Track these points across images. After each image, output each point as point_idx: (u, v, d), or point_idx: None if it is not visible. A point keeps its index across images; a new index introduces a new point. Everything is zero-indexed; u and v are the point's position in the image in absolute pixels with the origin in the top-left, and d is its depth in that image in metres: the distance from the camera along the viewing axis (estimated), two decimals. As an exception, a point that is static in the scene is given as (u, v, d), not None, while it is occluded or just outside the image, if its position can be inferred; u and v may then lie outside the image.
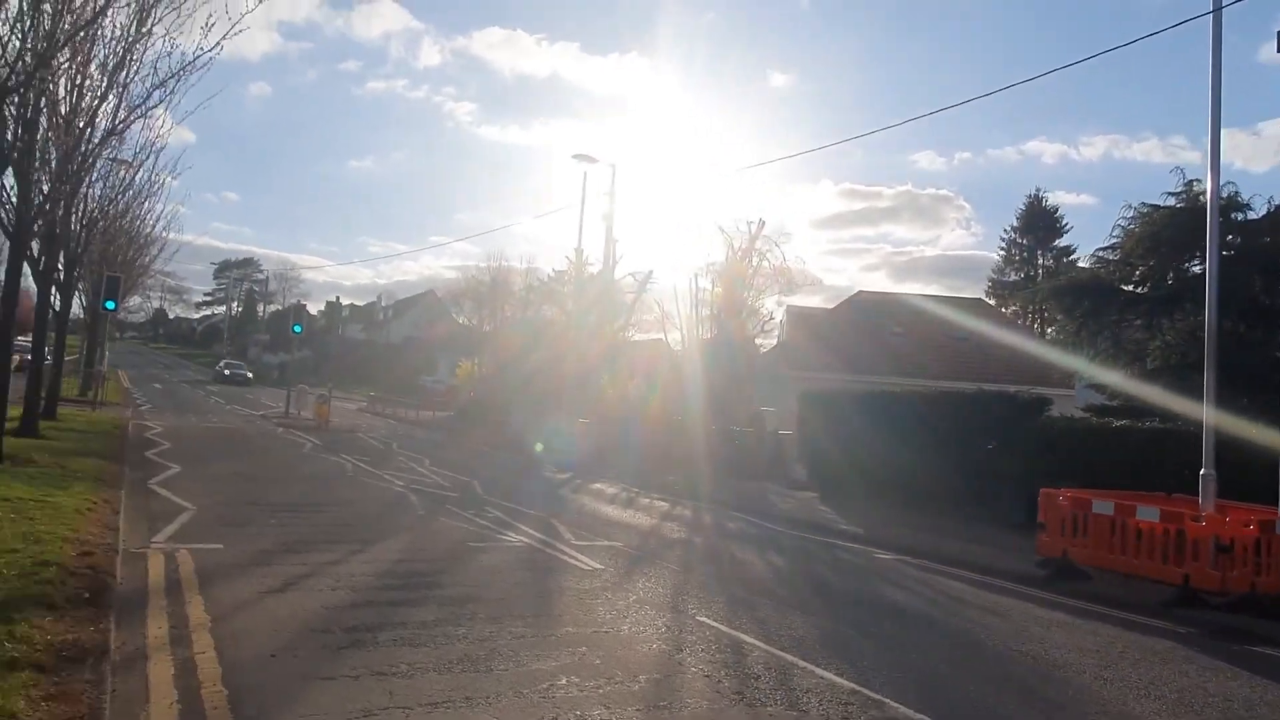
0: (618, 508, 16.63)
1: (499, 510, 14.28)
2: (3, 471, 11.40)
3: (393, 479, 17.48)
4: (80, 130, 13.71)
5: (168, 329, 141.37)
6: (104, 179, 19.91)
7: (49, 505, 9.51)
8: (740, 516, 16.94)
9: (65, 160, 13.61)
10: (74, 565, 7.27)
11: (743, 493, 21.12)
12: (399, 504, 14.25)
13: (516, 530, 12.39)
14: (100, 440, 18.06)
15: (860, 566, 12.33)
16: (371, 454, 22.55)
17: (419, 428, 37.44)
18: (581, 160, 28.00)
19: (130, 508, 11.36)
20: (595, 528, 13.39)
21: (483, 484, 17.99)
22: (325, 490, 15.30)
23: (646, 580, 9.66)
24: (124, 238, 31.65)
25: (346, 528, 11.60)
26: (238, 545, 9.71)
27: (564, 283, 42.67)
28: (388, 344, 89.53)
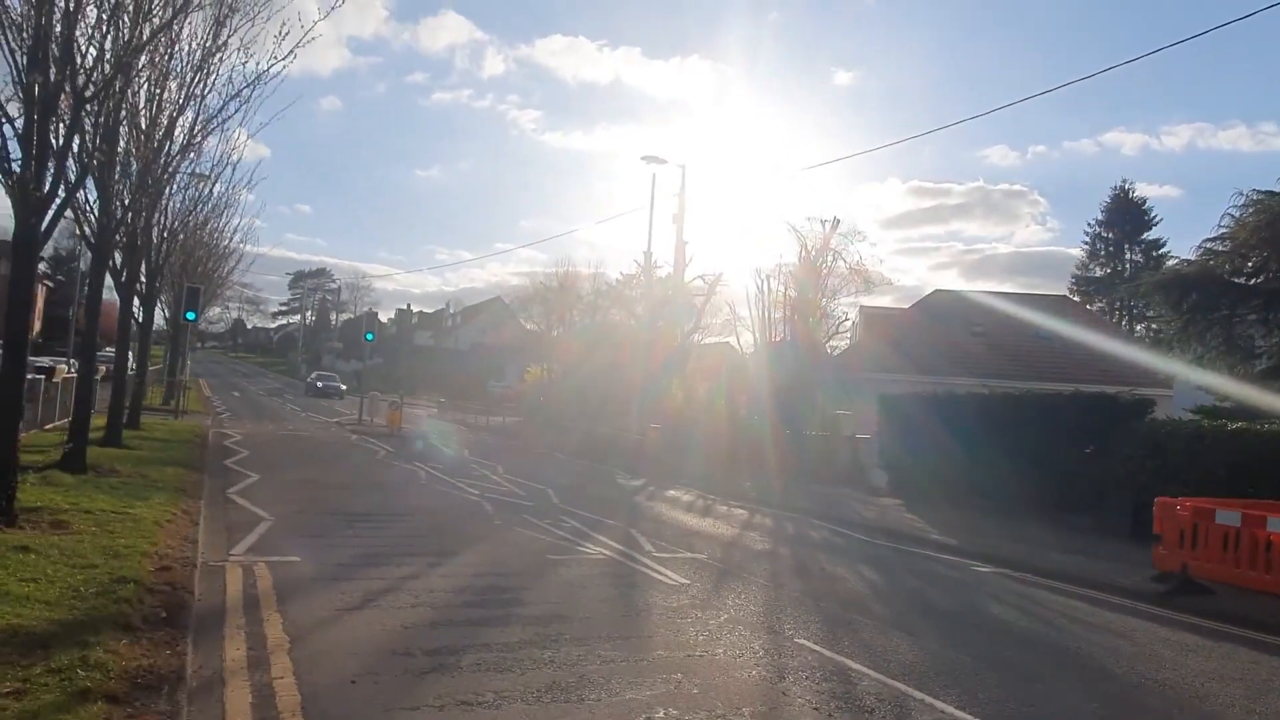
0: (695, 516, 16.12)
1: (575, 520, 13.91)
2: (86, 482, 11.43)
3: (466, 487, 17.27)
4: (159, 141, 13.83)
5: (246, 339, 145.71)
6: (183, 190, 20.22)
7: (129, 517, 9.42)
8: (823, 525, 16.28)
9: (145, 171, 13.72)
10: (152, 581, 7.06)
11: (822, 499, 20.41)
12: (475, 513, 13.98)
13: (595, 541, 11.98)
14: (181, 449, 18.27)
15: (960, 581, 11.60)
16: (444, 461, 22.46)
17: (489, 433, 37.48)
18: (650, 161, 27.60)
19: (209, 518, 11.28)
20: (676, 538, 12.90)
21: (557, 492, 17.67)
22: (400, 498, 15.14)
23: (736, 597, 9.13)
24: (203, 250, 32.38)
25: (423, 538, 11.34)
26: (315, 557, 9.49)
27: (632, 286, 42.38)
28: (456, 350, 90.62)
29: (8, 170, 8.03)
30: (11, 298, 8.38)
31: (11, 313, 8.37)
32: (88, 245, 12.66)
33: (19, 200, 8.12)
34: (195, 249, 30.52)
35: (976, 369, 31.48)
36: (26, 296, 8.34)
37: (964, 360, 33.14)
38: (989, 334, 36.72)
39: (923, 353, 33.49)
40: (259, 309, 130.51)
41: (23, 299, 8.33)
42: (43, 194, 8.24)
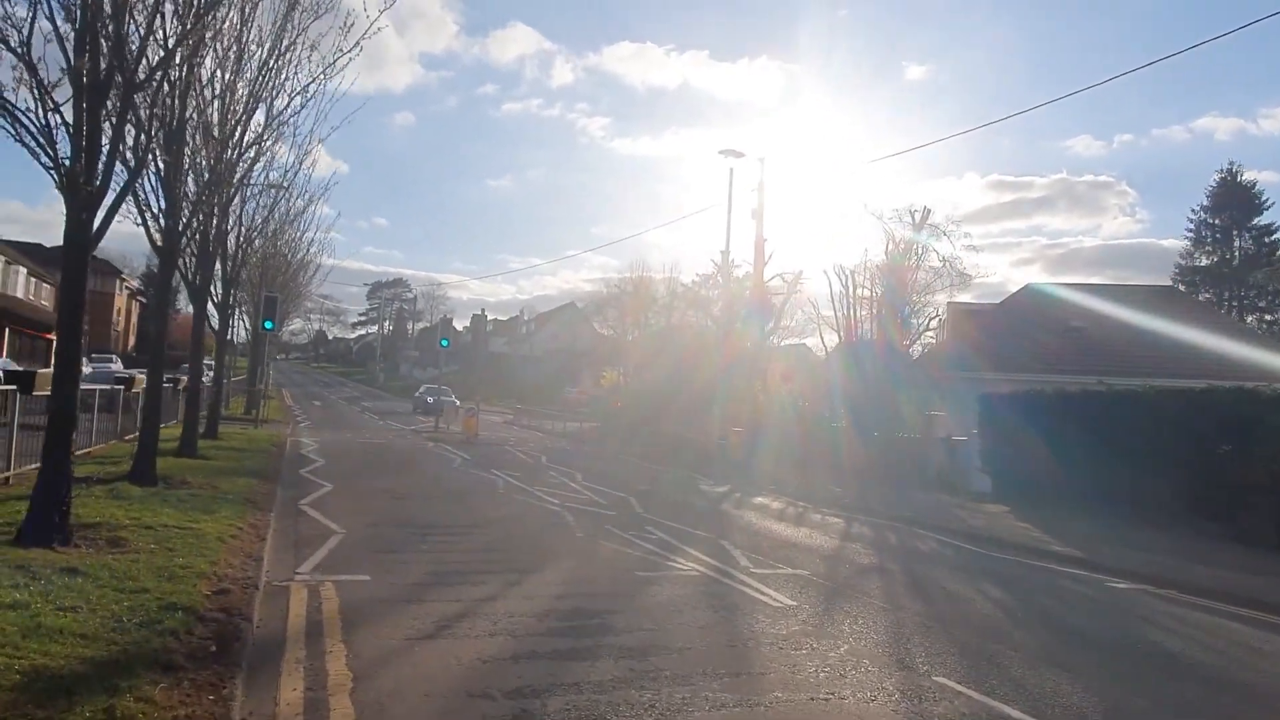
0: (789, 525, 15.00)
1: (662, 531, 12.95)
2: (153, 495, 10.95)
3: (545, 496, 16.48)
4: (224, 139, 13.40)
5: (327, 349, 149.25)
6: (256, 197, 20.02)
7: (191, 533, 8.82)
8: (929, 535, 15.00)
9: (212, 171, 13.30)
10: (205, 608, 6.34)
11: (921, 506, 19.05)
12: (555, 524, 13.14)
13: (685, 555, 11.00)
14: (256, 458, 17.93)
15: (1100, 600, 10.26)
16: (521, 469, 21.77)
17: (565, 440, 36.85)
18: (728, 155, 26.52)
19: (278, 532, 10.67)
20: (772, 551, 11.83)
21: (639, 500, 16.75)
22: (476, 509, 14.40)
23: (853, 622, 8.03)
24: (279, 259, 32.53)
25: (501, 553, 10.52)
26: (386, 576, 8.73)
27: (708, 286, 41.37)
28: (530, 356, 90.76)
29: (56, 162, 7.46)
30: (62, 300, 7.82)
31: (63, 317, 7.81)
32: (155, 249, 12.24)
33: (69, 194, 7.55)
34: (272, 258, 30.63)
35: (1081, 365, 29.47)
36: (78, 299, 7.77)
37: (1067, 355, 31.10)
38: (1092, 327, 34.45)
39: (1017, 350, 31.56)
40: (339, 320, 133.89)
41: (74, 302, 7.77)
42: (93, 189, 7.66)
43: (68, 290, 7.84)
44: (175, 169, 12.01)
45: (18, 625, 5.19)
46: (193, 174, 13.56)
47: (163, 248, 12.35)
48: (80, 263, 7.75)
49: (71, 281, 7.80)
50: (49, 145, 7.39)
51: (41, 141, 7.41)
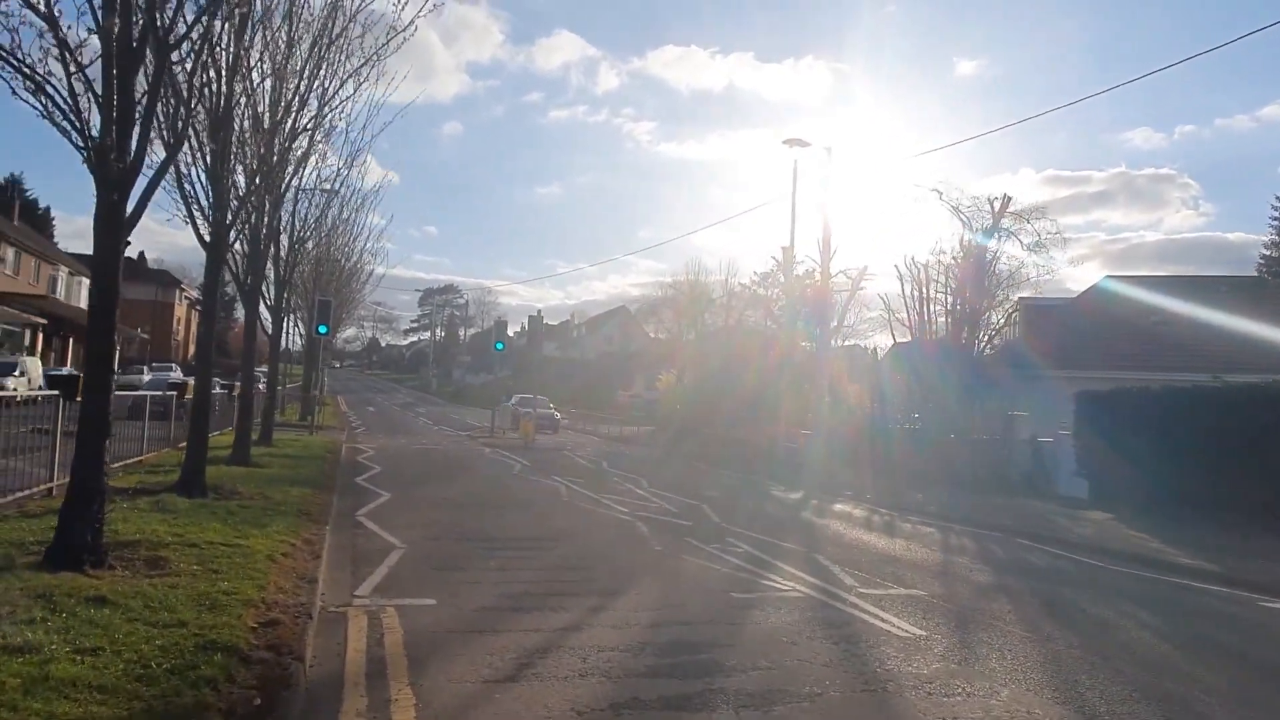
0: (881, 536, 13.75)
1: (745, 543, 11.81)
2: (201, 507, 10.12)
3: (613, 504, 15.44)
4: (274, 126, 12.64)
5: (380, 356, 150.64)
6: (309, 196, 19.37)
7: (239, 551, 7.92)
8: (1035, 546, 13.64)
9: (261, 161, 12.54)
10: (250, 645, 5.39)
11: (1017, 513, 17.63)
12: (629, 536, 12.07)
13: (779, 572, 9.84)
14: (311, 465, 17.19)
15: (1267, 626, 8.88)
16: (583, 475, 20.78)
17: (623, 444, 35.86)
18: (794, 145, 25.25)
19: (334, 547, 9.77)
20: (874, 567, 10.61)
21: (713, 508, 15.63)
22: (544, 520, 13.40)
23: (999, 657, 6.81)
24: (331, 263, 32.09)
25: (578, 571, 9.47)
26: (454, 600, 7.73)
27: (766, 285, 40.08)
28: (582, 360, 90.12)
29: (82, 132, 6.61)
30: (93, 293, 6.97)
31: (94, 312, 6.95)
32: (202, 244, 11.47)
33: (98, 171, 6.69)
34: (324, 261, 30.17)
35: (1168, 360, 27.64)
36: (110, 293, 6.91)
37: (1151, 351, 29.24)
38: (1176, 321, 32.39)
39: (1097, 346, 29.79)
40: (392, 327, 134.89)
41: (106, 296, 6.90)
42: (125, 165, 6.79)
43: (99, 282, 6.98)
44: (222, 157, 11.22)
45: (22, 676, 4.26)
46: (241, 166, 12.80)
47: (210, 244, 11.57)
48: (112, 250, 6.88)
49: (103, 272, 6.94)
50: (74, 113, 6.53)
51: (65, 110, 6.56)
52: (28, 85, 6.82)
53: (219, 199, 11.50)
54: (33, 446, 10.72)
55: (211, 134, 11.13)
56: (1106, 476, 19.71)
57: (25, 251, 50.13)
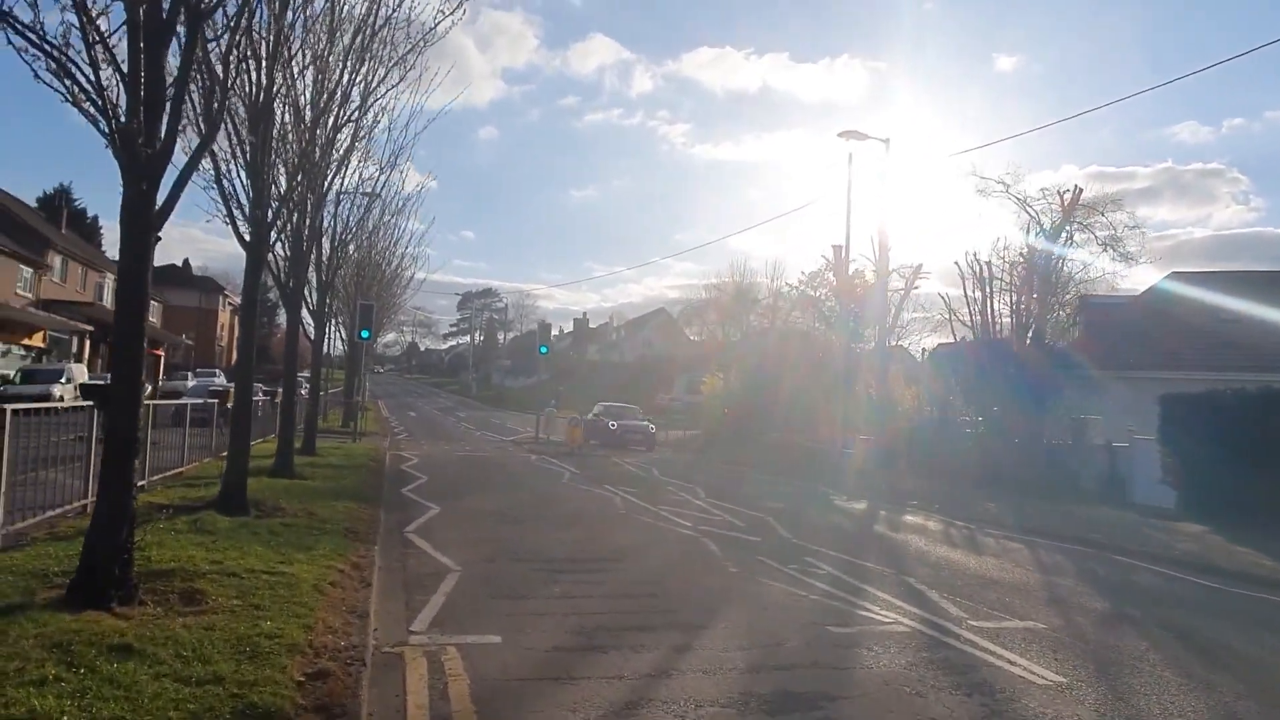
0: (967, 553, 12.69)
1: (825, 562, 10.84)
2: (242, 526, 9.38)
3: (673, 517, 14.53)
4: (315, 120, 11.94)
5: (419, 360, 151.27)
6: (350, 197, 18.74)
7: (283, 580, 7.13)
8: (1139, 565, 12.53)
9: (303, 157, 11.84)
10: (296, 707, 4.57)
11: (1102, 525, 16.46)
12: (697, 555, 11.15)
13: (874, 600, 8.86)
14: (356, 476, 16.50)
15: None
16: (635, 483, 19.88)
17: (669, 449, 34.89)
18: (850, 137, 24.19)
19: (384, 570, 8.98)
20: (974, 592, 9.58)
21: (779, 521, 14.66)
22: (603, 536, 12.52)
23: (1166, 713, 5.78)
24: (373, 267, 31.59)
25: (651, 598, 8.57)
26: (520, 636, 6.87)
27: (814, 285, 38.82)
28: (621, 363, 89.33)
29: (106, 113, 5.85)
30: (120, 292, 6.21)
31: (121, 313, 6.19)
32: (242, 244, 10.77)
33: (125, 157, 5.93)
34: (365, 265, 29.67)
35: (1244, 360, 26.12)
36: (138, 299, 6.15)
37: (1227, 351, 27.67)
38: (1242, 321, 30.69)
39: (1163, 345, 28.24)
40: (431, 331, 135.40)
41: (134, 296, 6.14)
42: (154, 150, 6.02)
43: (127, 283, 6.22)
44: (262, 151, 10.51)
45: (22, 763, 3.46)
46: (281, 163, 12.10)
47: (250, 244, 10.87)
48: (141, 246, 6.12)
49: (131, 272, 6.18)
50: (97, 91, 5.78)
51: (89, 90, 5.82)
52: (50, 66, 6.10)
53: (259, 196, 10.81)
54: (73, 456, 10.11)
55: (251, 126, 10.43)
56: (1196, 485, 18.39)
57: (73, 259, 50.55)
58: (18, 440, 8.63)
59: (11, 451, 8.35)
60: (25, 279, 44.46)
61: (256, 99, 10.48)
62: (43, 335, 45.18)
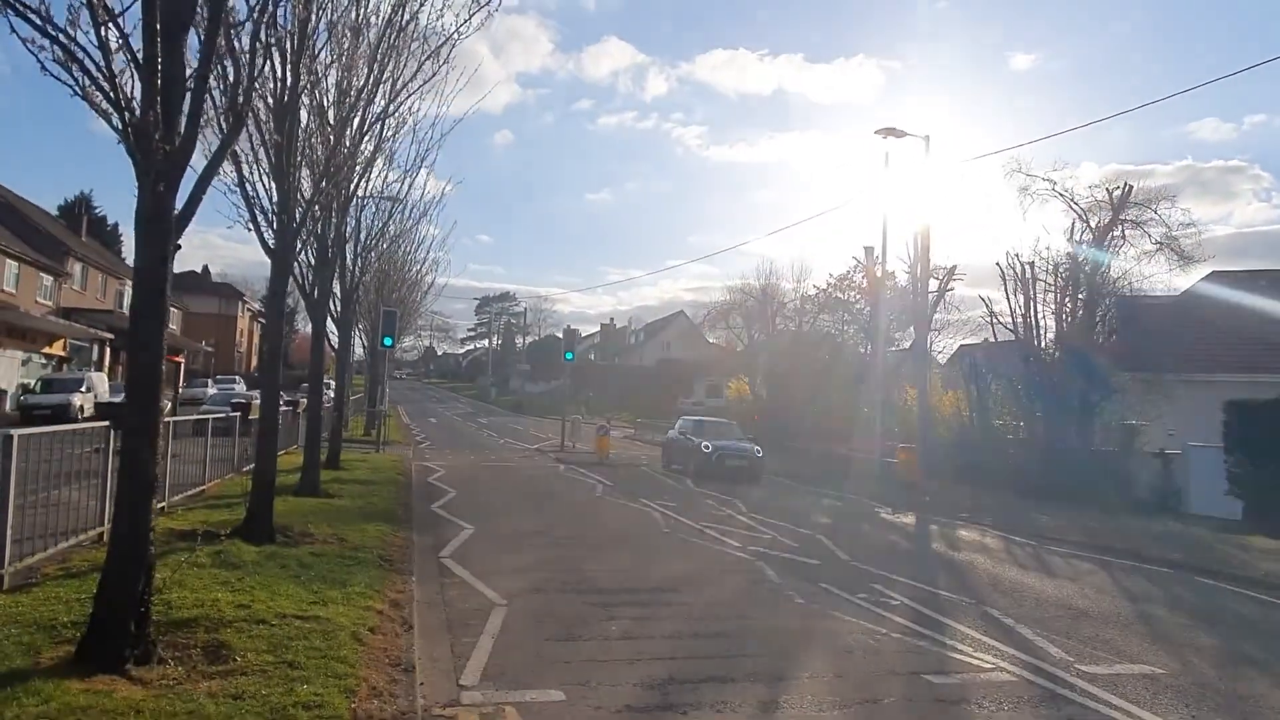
0: (1039, 576, 11.83)
1: (896, 590, 10.00)
2: (270, 558, 8.64)
3: (720, 537, 13.71)
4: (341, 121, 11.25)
5: (436, 365, 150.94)
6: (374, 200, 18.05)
7: (318, 628, 6.37)
8: (1228, 589, 11.69)
9: (329, 161, 11.13)
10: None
11: (1168, 540, 15.66)
12: (757, 583, 10.33)
13: (962, 637, 8.03)
14: (383, 492, 15.77)
15: None
16: (671, 496, 19.07)
17: (697, 457, 34.00)
18: (887, 134, 23.29)
19: (424, 605, 8.22)
20: (1068, 627, 8.73)
21: (831, 539, 13.83)
22: (653, 560, 11.71)
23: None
24: (396, 274, 30.98)
25: (720, 639, 7.75)
26: (585, 692, 6.08)
27: (843, 288, 37.84)
28: (640, 368, 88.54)
29: (117, 103, 5.13)
30: (135, 314, 5.47)
31: (138, 327, 5.45)
32: (267, 251, 10.06)
33: (140, 155, 5.20)
34: (390, 273, 29.04)
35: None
36: (156, 316, 5.42)
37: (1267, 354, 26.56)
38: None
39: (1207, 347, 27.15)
40: (448, 336, 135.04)
41: (151, 320, 5.41)
42: (172, 147, 5.29)
43: (144, 299, 5.48)
44: (287, 151, 9.80)
45: None
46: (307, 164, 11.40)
47: (275, 249, 10.15)
48: (158, 255, 5.39)
49: (148, 281, 5.44)
50: (107, 80, 5.06)
51: (98, 80, 5.09)
52: (56, 55, 5.39)
53: (284, 200, 10.09)
54: (90, 471, 9.42)
55: (276, 125, 9.72)
56: (1266, 496, 17.42)
57: (93, 267, 50.33)
58: (27, 460, 7.96)
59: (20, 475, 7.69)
60: (45, 287, 44.19)
61: (281, 96, 9.78)
62: (63, 343, 44.92)
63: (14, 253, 39.74)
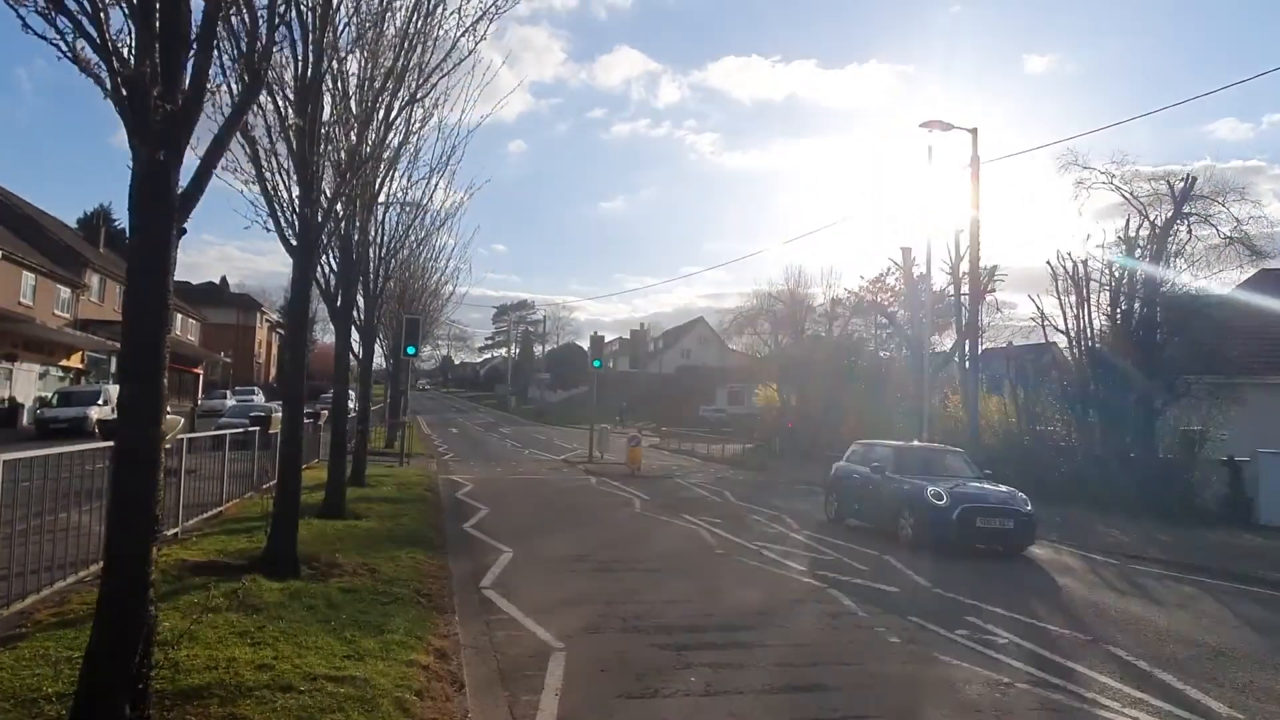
0: (1143, 603, 10.65)
1: (997, 625, 8.84)
2: (296, 596, 7.55)
3: (779, 559, 12.57)
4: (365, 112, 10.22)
5: (454, 374, 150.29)
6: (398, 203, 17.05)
7: (355, 695, 5.26)
8: (1361, 617, 10.33)
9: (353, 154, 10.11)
10: None
11: (1255, 555, 14.50)
12: (840, 618, 9.15)
13: (1099, 688, 6.87)
14: (413, 512, 14.71)
15: None
16: (715, 512, 17.91)
17: (729, 467, 32.92)
18: (932, 127, 22.13)
19: (472, 653, 7.12)
20: (1211, 670, 7.57)
21: (901, 561, 12.67)
22: (716, 590, 10.54)
23: None
24: (419, 281, 30.02)
25: (822, 694, 6.60)
26: (681, 772, 4.96)
27: (877, 290, 36.60)
28: (660, 375, 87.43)
29: (106, 54, 4.08)
30: (130, 310, 4.41)
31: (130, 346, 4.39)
32: (286, 248, 9.03)
33: (134, 114, 4.15)
34: (412, 280, 28.07)
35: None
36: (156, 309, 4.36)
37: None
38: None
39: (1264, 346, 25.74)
40: (466, 344, 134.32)
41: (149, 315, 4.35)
42: (175, 108, 4.24)
43: (140, 289, 4.42)
44: (310, 139, 8.77)
45: None
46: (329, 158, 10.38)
47: (298, 248, 9.11)
48: (158, 240, 4.33)
49: (145, 273, 4.38)
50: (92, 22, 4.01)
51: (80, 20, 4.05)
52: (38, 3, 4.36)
53: (306, 192, 9.06)
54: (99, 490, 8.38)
55: (298, 108, 8.70)
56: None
57: (111, 279, 49.73)
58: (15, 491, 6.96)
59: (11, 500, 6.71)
60: (63, 299, 43.62)
61: (303, 76, 8.77)
62: (80, 356, 44.29)
63: (31, 264, 39.14)
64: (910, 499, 14.44)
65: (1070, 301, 23.83)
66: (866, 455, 16.99)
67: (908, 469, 15.63)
